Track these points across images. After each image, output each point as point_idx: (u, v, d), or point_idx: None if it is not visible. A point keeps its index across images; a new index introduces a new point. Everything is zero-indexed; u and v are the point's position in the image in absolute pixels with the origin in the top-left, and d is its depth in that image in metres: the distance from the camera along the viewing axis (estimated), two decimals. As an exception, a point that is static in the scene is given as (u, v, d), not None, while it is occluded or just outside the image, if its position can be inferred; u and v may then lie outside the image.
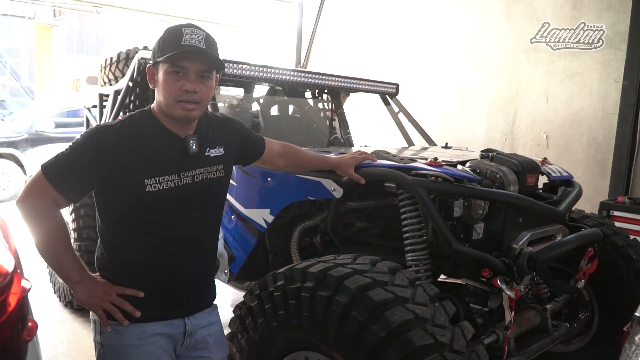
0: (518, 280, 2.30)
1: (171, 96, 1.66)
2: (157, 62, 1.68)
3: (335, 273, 1.92)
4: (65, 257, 1.68)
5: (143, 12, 9.94)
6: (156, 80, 1.71)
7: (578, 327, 3.11)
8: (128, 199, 1.68)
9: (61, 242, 1.67)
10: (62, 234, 1.67)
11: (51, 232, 1.64)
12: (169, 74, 1.65)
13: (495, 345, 2.30)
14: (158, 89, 1.70)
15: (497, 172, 2.48)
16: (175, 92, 1.65)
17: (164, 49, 1.65)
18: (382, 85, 4.30)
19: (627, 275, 2.92)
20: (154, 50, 1.70)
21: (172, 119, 1.72)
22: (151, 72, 1.74)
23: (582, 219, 3.15)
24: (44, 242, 1.64)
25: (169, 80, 1.66)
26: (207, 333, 1.88)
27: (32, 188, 1.63)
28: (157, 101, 1.72)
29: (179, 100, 1.66)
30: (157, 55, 1.67)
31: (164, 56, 1.64)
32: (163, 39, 1.68)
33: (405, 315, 1.75)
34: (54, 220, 1.65)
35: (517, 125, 5.85)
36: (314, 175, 2.60)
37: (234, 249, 3.01)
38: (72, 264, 1.69)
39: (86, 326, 4.06)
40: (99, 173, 1.63)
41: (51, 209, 1.64)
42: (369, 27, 7.65)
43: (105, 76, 4.85)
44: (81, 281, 1.69)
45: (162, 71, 1.67)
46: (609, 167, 5.03)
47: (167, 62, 1.65)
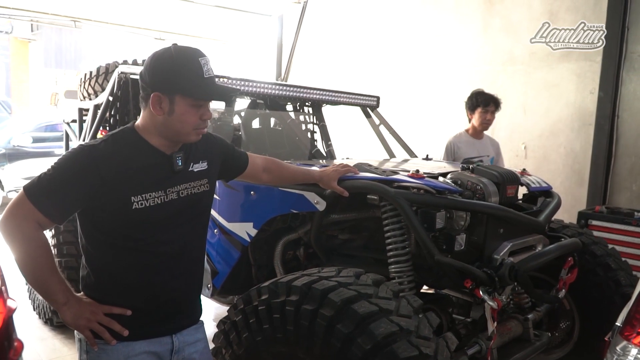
0: (500, 290, 2.33)
1: (191, 126, 1.69)
2: (173, 93, 1.64)
3: (320, 286, 1.92)
4: (51, 280, 1.64)
5: (122, 26, 9.89)
6: (165, 108, 1.65)
7: (559, 336, 3.14)
8: (114, 218, 1.66)
9: (47, 265, 1.63)
10: (47, 256, 1.63)
11: (36, 255, 1.60)
12: (192, 107, 1.67)
13: (479, 356, 2.33)
14: (171, 118, 1.66)
15: (478, 184, 2.51)
16: (196, 122, 1.69)
17: (183, 82, 1.63)
18: (363, 98, 4.33)
19: (606, 283, 2.96)
20: (166, 79, 1.64)
21: (163, 139, 1.71)
22: (158, 99, 1.65)
23: (562, 228, 3.20)
24: (28, 265, 1.60)
25: (191, 113, 1.67)
26: (194, 350, 1.87)
27: (14, 210, 1.59)
28: (162, 127, 1.68)
29: (196, 128, 1.70)
30: (175, 88, 1.63)
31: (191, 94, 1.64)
32: (179, 70, 1.63)
33: (390, 328, 1.76)
34: (39, 243, 1.61)
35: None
36: (297, 188, 2.61)
37: (217, 263, 2.99)
38: (58, 286, 1.65)
39: (67, 343, 4.00)
40: (84, 193, 1.61)
41: (35, 231, 1.60)
42: (349, 40, 7.71)
43: (85, 90, 4.82)
44: (67, 302, 1.66)
45: (183, 103, 1.65)
46: (586, 177, 5.11)
47: (190, 96, 1.65)
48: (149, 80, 1.67)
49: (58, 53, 17.76)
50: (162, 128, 1.69)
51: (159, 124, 1.68)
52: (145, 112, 1.71)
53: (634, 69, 4.84)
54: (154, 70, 1.66)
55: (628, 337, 1.08)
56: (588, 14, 5.08)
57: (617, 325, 1.13)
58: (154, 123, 1.69)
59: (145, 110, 1.71)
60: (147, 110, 1.69)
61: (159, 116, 1.66)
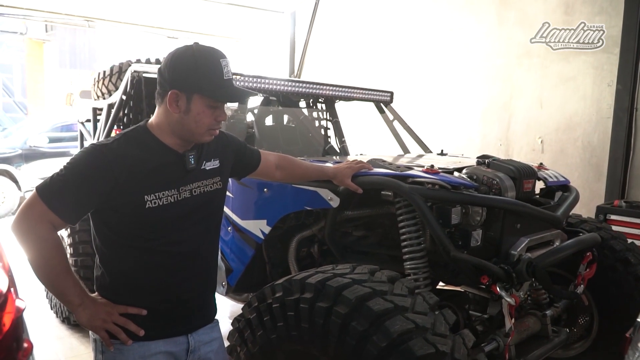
0: (517, 286, 2.30)
1: (205, 127, 1.69)
2: (192, 92, 1.65)
3: (334, 283, 1.91)
4: (66, 281, 1.64)
5: (135, 25, 9.95)
6: (182, 106, 1.65)
7: (578, 332, 3.11)
8: (128, 218, 1.66)
9: (61, 266, 1.62)
10: (61, 258, 1.63)
11: (50, 257, 1.60)
12: (209, 107, 1.67)
13: (496, 353, 2.30)
14: (187, 117, 1.66)
15: (494, 179, 2.48)
16: (210, 123, 1.69)
17: (202, 82, 1.63)
18: (376, 94, 4.31)
19: (625, 279, 2.92)
20: (186, 77, 1.64)
21: (177, 139, 1.71)
22: (176, 96, 1.65)
23: (580, 223, 3.16)
24: (43, 267, 1.59)
25: (207, 113, 1.68)
26: (210, 349, 1.86)
27: (27, 212, 1.58)
28: (177, 125, 1.68)
29: (210, 128, 1.71)
30: (194, 87, 1.64)
31: (210, 94, 1.65)
32: (199, 70, 1.64)
33: (406, 325, 1.74)
34: (53, 244, 1.60)
35: (512, 131, 5.86)
36: (310, 185, 2.60)
37: (231, 261, 3.00)
38: (73, 288, 1.65)
39: (84, 342, 4.03)
40: (98, 193, 1.60)
41: (49, 232, 1.59)
42: (362, 35, 7.68)
43: (99, 90, 4.85)
44: (82, 304, 1.66)
45: (200, 103, 1.65)
46: (604, 171, 5.04)
47: (209, 97, 1.66)
48: (168, 77, 1.66)
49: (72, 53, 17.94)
50: (176, 126, 1.69)
51: (174, 122, 1.68)
52: (161, 109, 1.70)
53: (653, 60, 4.76)
54: (175, 67, 1.66)
55: (652, 334, 1.06)
56: (605, 5, 5.00)
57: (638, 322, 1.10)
58: (169, 121, 1.69)
59: (160, 108, 1.71)
60: (163, 108, 1.69)
61: (175, 114, 1.66)
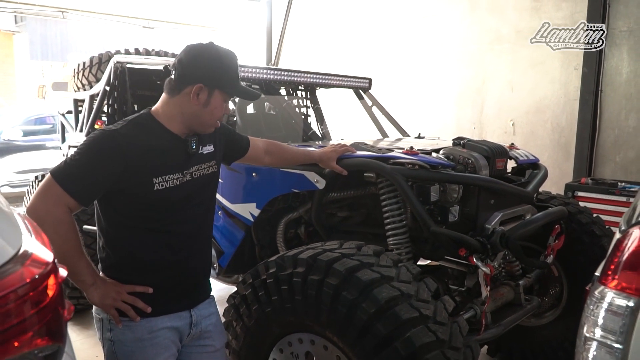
0: (492, 257, 2.46)
1: (216, 119, 1.85)
2: (214, 87, 1.80)
3: (325, 257, 2.03)
4: (80, 262, 1.72)
5: (109, 15, 9.88)
6: (202, 99, 1.79)
7: (549, 301, 3.29)
8: (137, 199, 1.76)
9: (75, 247, 1.71)
10: (76, 239, 1.71)
11: (67, 238, 1.68)
12: (224, 102, 1.85)
13: (474, 320, 2.45)
14: (203, 109, 1.80)
15: (469, 158, 2.64)
16: (221, 116, 1.86)
17: (225, 79, 1.81)
18: (355, 80, 4.43)
19: (592, 250, 3.08)
20: (211, 73, 1.79)
21: (180, 125, 1.83)
22: (200, 89, 1.78)
23: (549, 199, 3.34)
24: (59, 248, 1.62)
25: (221, 107, 1.84)
26: (209, 322, 2.00)
27: (44, 195, 1.66)
28: (191, 115, 1.81)
29: (218, 121, 1.87)
30: (218, 83, 1.80)
31: (234, 91, 1.89)
32: (223, 68, 1.81)
33: (392, 292, 1.88)
34: (69, 226, 1.69)
35: (485, 114, 6.06)
36: (297, 168, 2.71)
37: (222, 244, 3.11)
38: (86, 269, 1.74)
39: (75, 330, 4.10)
40: (110, 175, 1.69)
41: (65, 214, 1.67)
42: (338, 23, 7.77)
43: (79, 81, 4.86)
44: (94, 283, 1.75)
45: (219, 98, 1.82)
46: (572, 151, 5.28)
47: (229, 93, 1.85)
48: (192, 71, 1.78)
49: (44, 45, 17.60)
50: (190, 117, 1.81)
51: (189, 112, 1.80)
52: (174, 99, 1.81)
53: (616, 44, 4.99)
54: (200, 62, 1.79)
55: (604, 282, 1.23)
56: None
57: (596, 275, 1.28)
58: (182, 111, 1.80)
59: (173, 97, 1.81)
60: (178, 98, 1.80)
61: (195, 106, 1.79)
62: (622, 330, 1.16)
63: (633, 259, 1.19)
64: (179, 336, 1.91)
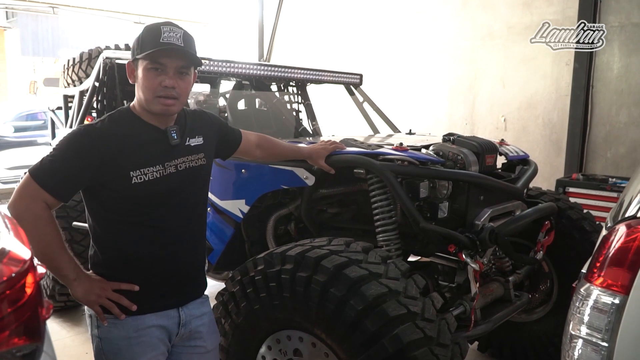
0: (481, 253, 2.46)
1: (150, 92, 1.73)
2: (137, 59, 1.75)
3: (313, 254, 2.03)
4: (61, 257, 1.72)
5: (100, 11, 9.83)
6: (136, 77, 1.77)
7: (539, 297, 3.30)
8: (117, 194, 1.74)
9: (56, 242, 1.70)
10: (56, 234, 1.71)
11: (46, 232, 1.68)
12: (149, 70, 1.72)
13: (463, 316, 2.46)
14: (138, 85, 1.77)
15: (459, 154, 2.64)
16: (154, 87, 1.72)
17: (143, 46, 1.72)
18: (346, 76, 4.42)
19: (582, 246, 3.08)
20: (134, 48, 1.77)
21: (152, 114, 1.79)
22: (131, 68, 1.80)
23: (539, 195, 3.34)
24: (38, 243, 1.65)
25: (148, 77, 1.73)
26: (201, 323, 1.95)
27: (22, 192, 1.67)
28: (137, 97, 1.79)
29: (158, 96, 1.73)
30: (137, 52, 1.74)
31: (143, 53, 1.71)
32: (142, 37, 1.74)
33: (380, 289, 1.88)
34: (47, 221, 1.69)
35: (477, 110, 6.07)
36: (287, 164, 2.71)
37: (212, 240, 3.10)
38: (68, 264, 1.73)
39: (65, 326, 4.10)
40: (86, 171, 1.69)
41: (43, 210, 1.67)
42: (330, 19, 7.76)
43: (69, 77, 4.83)
44: (77, 278, 1.74)
45: (141, 68, 1.74)
46: (563, 147, 5.29)
47: (147, 59, 1.72)
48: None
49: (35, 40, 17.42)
50: (139, 99, 1.79)
51: (137, 95, 1.79)
52: None
53: (607, 40, 4.99)
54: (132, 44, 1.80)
55: (590, 280, 1.22)
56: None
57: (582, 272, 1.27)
58: (137, 97, 1.79)
59: None
60: None
61: (135, 87, 1.78)
62: (608, 328, 1.16)
63: (619, 256, 1.19)
64: (168, 335, 1.88)
